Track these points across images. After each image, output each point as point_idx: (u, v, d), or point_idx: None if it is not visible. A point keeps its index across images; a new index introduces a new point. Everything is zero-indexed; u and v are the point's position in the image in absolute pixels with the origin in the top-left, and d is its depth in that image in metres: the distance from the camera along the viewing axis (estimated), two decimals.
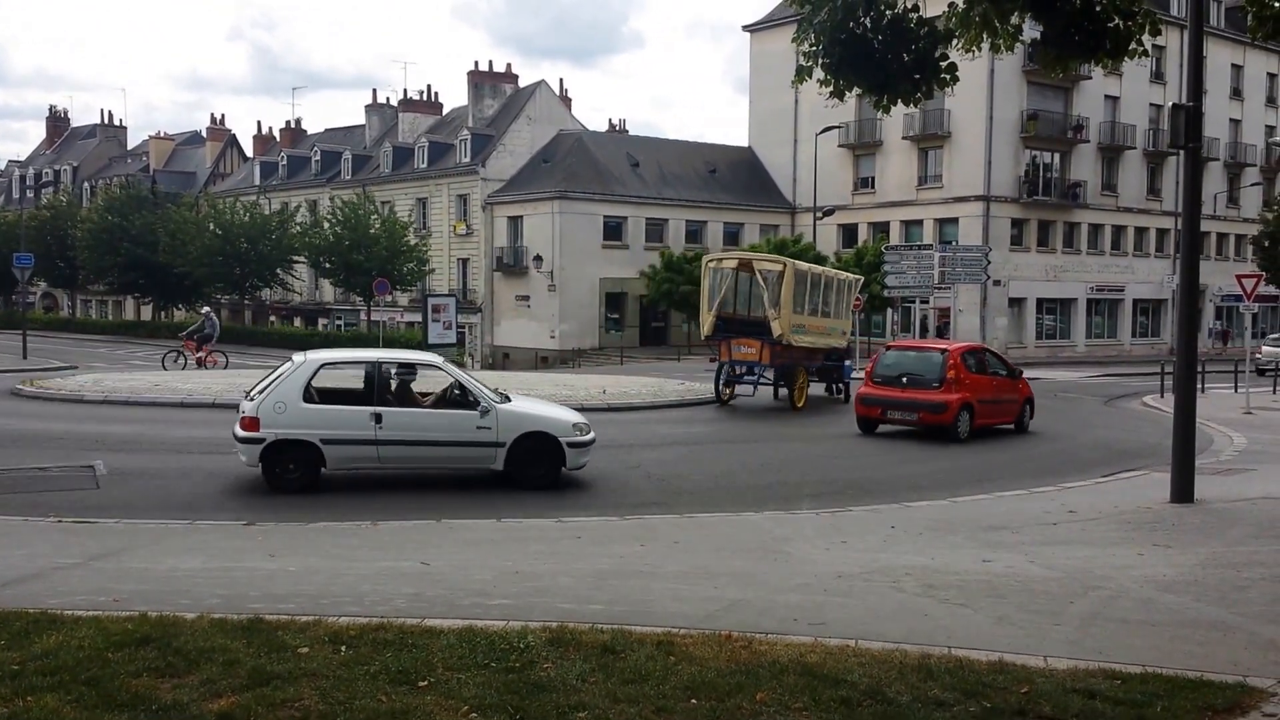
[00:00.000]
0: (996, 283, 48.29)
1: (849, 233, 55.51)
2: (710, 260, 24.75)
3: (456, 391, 12.80)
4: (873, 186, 55.28)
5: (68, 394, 21.92)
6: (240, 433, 12.13)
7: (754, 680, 5.56)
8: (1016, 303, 52.33)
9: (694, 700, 5.27)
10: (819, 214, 50.09)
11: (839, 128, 50.95)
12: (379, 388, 12.47)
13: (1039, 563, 8.95)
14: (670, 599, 7.53)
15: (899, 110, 10.91)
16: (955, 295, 44.01)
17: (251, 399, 12.27)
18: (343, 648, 5.95)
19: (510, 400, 13.25)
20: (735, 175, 59.90)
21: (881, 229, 53.97)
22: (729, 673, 5.67)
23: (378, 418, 12.17)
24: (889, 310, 48.93)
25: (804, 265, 25.56)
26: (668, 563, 8.68)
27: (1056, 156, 53.54)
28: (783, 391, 23.96)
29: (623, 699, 5.26)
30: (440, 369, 13.07)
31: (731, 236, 57.62)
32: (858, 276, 30.29)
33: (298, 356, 12.81)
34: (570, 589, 7.74)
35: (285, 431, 11.97)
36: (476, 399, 12.55)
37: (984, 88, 48.78)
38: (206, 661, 5.64)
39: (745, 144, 62.46)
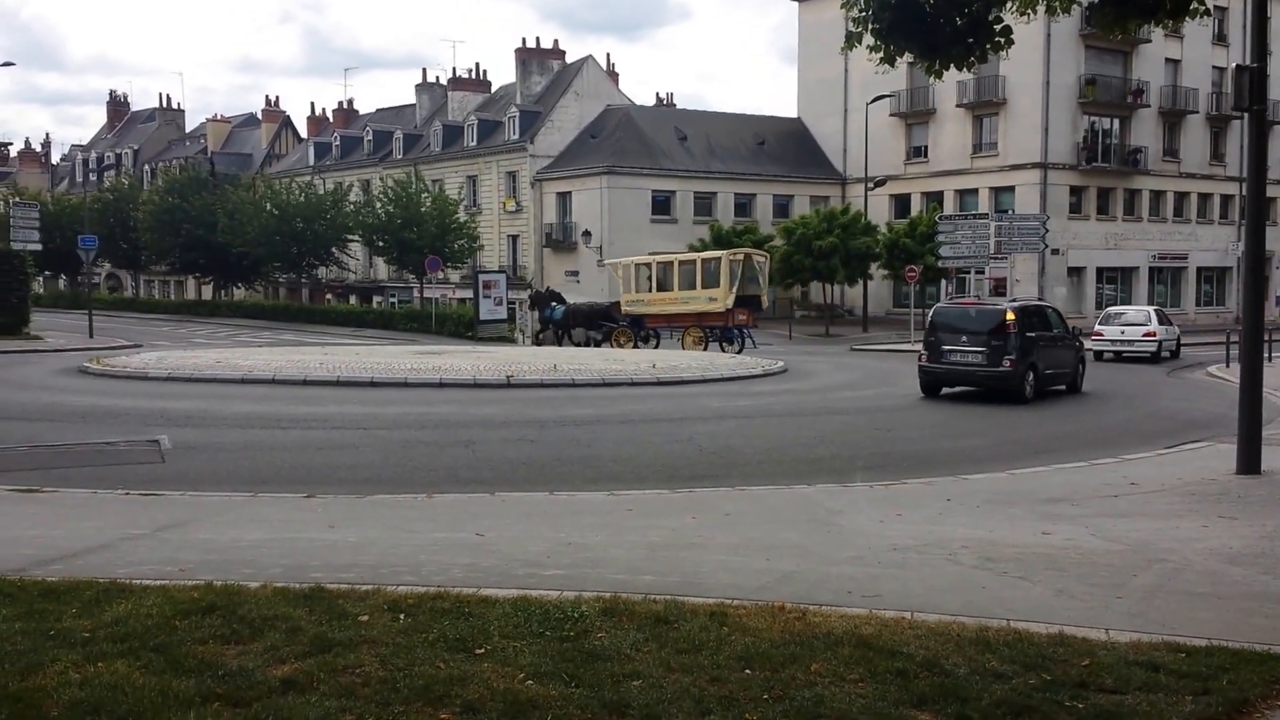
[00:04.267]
0: (1055, 252, 47.59)
1: (901, 203, 54.95)
2: (730, 254, 34.80)
3: None
4: (925, 156, 54.61)
5: (133, 371, 22.37)
6: None
7: (808, 651, 5.56)
8: (1075, 272, 51.56)
9: (748, 670, 5.29)
10: (870, 185, 49.66)
11: (890, 96, 50.38)
12: None
13: (1100, 535, 8.85)
14: (722, 570, 7.55)
15: (952, 77, 10.77)
16: (1011, 265, 43.33)
17: None
18: (401, 616, 6.04)
19: None
20: (784, 147, 59.44)
21: (935, 199, 53.36)
22: (783, 644, 5.68)
23: None
24: (943, 281, 48.37)
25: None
26: (719, 535, 8.70)
27: (1116, 122, 52.52)
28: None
29: (677, 668, 5.29)
30: None
31: (781, 209, 57.26)
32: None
33: None
34: (622, 560, 7.78)
35: None
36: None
37: (1040, 52, 47.93)
38: (270, 629, 5.76)
39: (794, 115, 61.93)
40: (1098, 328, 32.42)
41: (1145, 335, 31.47)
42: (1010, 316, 19.35)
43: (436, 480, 11.33)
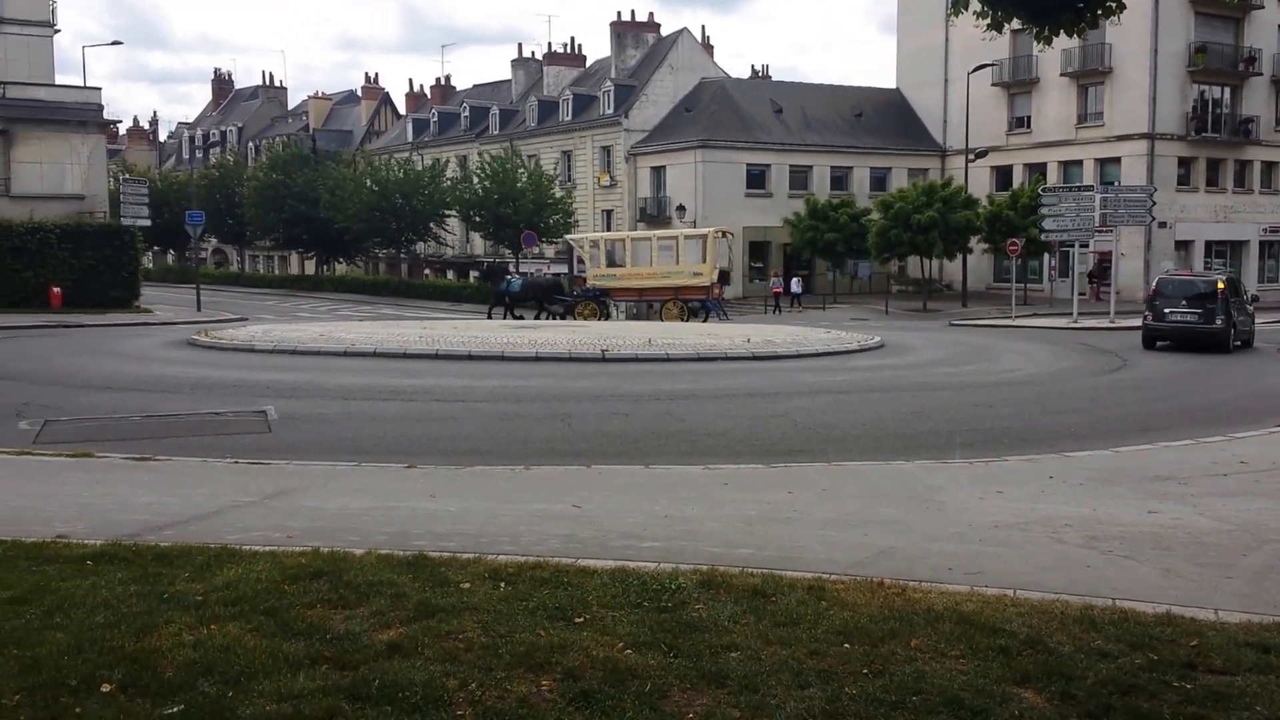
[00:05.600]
0: (1162, 225, 46.10)
1: (1003, 175, 53.72)
2: (714, 232, 37.41)
3: None
4: (1028, 126, 53.26)
5: (239, 344, 23.02)
6: None
7: (908, 627, 5.52)
8: (1183, 245, 49.88)
9: (847, 645, 5.27)
10: (971, 156, 48.62)
11: (992, 65, 49.16)
12: None
13: (1208, 515, 8.60)
14: (819, 545, 7.52)
15: (1056, 46, 10.44)
16: (1117, 238, 42.14)
17: None
18: (502, 584, 6.15)
19: None
20: (882, 118, 58.46)
21: (1038, 170, 52.02)
22: (882, 619, 5.64)
23: None
24: (1046, 255, 47.24)
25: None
26: (816, 509, 8.66)
27: (1226, 91, 50.55)
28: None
29: (775, 641, 5.29)
30: None
31: (878, 181, 56.41)
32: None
33: None
34: (719, 533, 7.80)
35: None
36: None
37: (1148, 18, 46.31)
38: (375, 594, 5.90)
39: (892, 85, 60.85)
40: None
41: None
42: (1221, 285, 24.60)
43: (533, 452, 11.46)
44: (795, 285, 49.54)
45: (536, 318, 36.12)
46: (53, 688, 4.59)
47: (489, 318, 35.64)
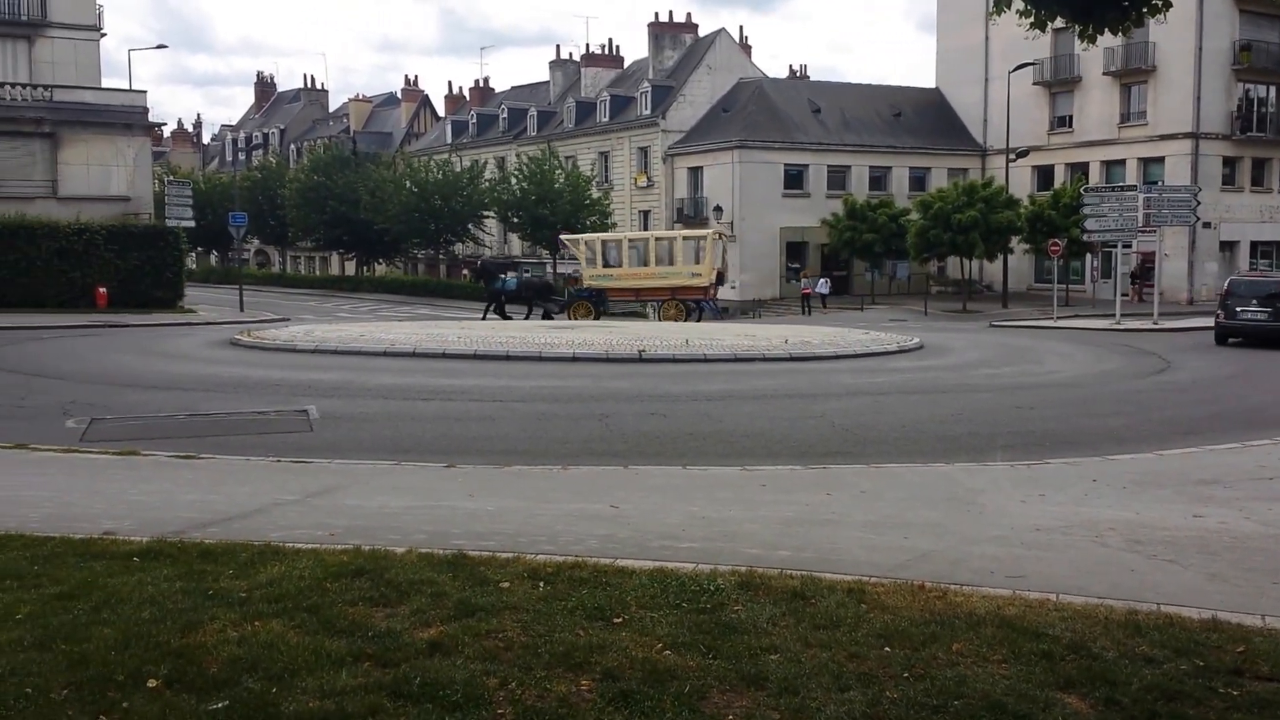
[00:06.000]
0: (1206, 225, 45.43)
1: (1044, 175, 53.20)
2: (713, 234, 38.50)
3: None
4: (1070, 125, 52.70)
5: (281, 344, 23.24)
6: None
7: (949, 631, 5.48)
8: (1228, 246, 49.16)
9: (888, 648, 5.24)
10: (1012, 156, 48.21)
11: (1033, 64, 48.71)
12: None
13: (1255, 519, 8.48)
14: (859, 547, 7.48)
15: (1098, 44, 10.30)
16: (1160, 239, 41.57)
17: None
18: (541, 584, 6.17)
19: None
20: (921, 118, 58.08)
21: (1080, 170, 51.45)
22: (923, 622, 5.61)
23: None
24: (1088, 256, 46.73)
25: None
26: (855, 512, 8.62)
27: (1272, 90, 49.75)
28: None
29: (814, 644, 5.27)
30: None
31: (918, 181, 56.05)
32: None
33: None
34: (757, 535, 7.78)
35: None
36: None
37: (1193, 17, 45.68)
38: (416, 593, 5.94)
39: (932, 85, 60.44)
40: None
41: None
42: None
43: (571, 452, 11.49)
44: (824, 286, 49.39)
45: (527, 317, 36.02)
46: (100, 682, 4.66)
47: (484, 318, 35.12)
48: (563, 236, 41.85)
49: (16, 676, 4.71)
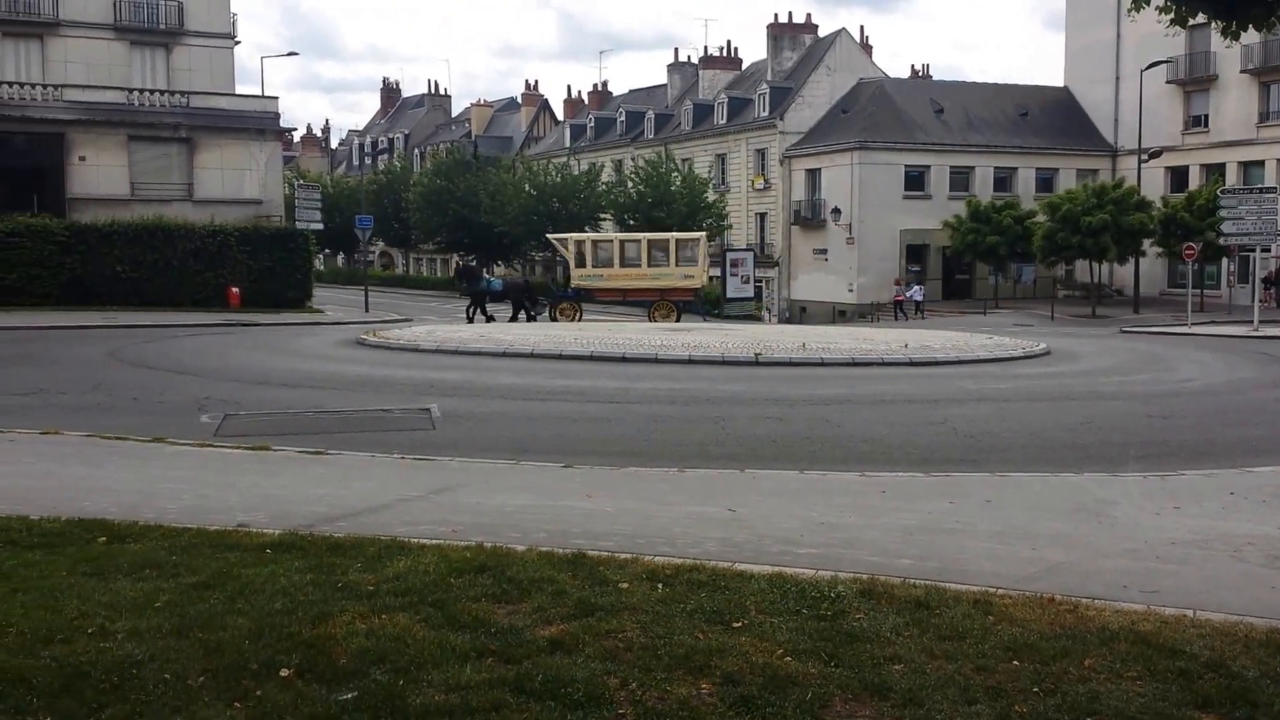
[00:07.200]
0: None
1: (1178, 176, 51.28)
2: (705, 236, 39.02)
3: None
4: (1205, 125, 50.71)
5: (405, 344, 23.77)
6: None
7: (1081, 646, 5.31)
8: None
9: (1016, 662, 5.10)
10: (1144, 156, 46.57)
11: (1167, 62, 46.98)
12: None
13: None
14: (984, 558, 7.31)
15: (1236, 41, 9.88)
16: None
17: None
18: (659, 585, 6.17)
19: None
20: (1049, 118, 56.53)
21: (1216, 171, 49.45)
22: (1053, 636, 5.44)
23: None
24: (1224, 260, 44.89)
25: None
26: (979, 521, 8.42)
27: None
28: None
29: (939, 655, 5.17)
30: None
31: (1045, 183, 54.58)
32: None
33: None
34: (878, 542, 7.66)
35: None
36: None
37: None
38: (537, 591, 6.00)
39: (1060, 83, 58.79)
40: None
41: None
42: None
43: (687, 455, 11.48)
44: (917, 293, 48.53)
45: (513, 318, 35.70)
46: (235, 671, 4.82)
47: (469, 320, 34.64)
48: (549, 236, 41.66)
49: (155, 663, 4.89)
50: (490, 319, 35.33)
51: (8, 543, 6.91)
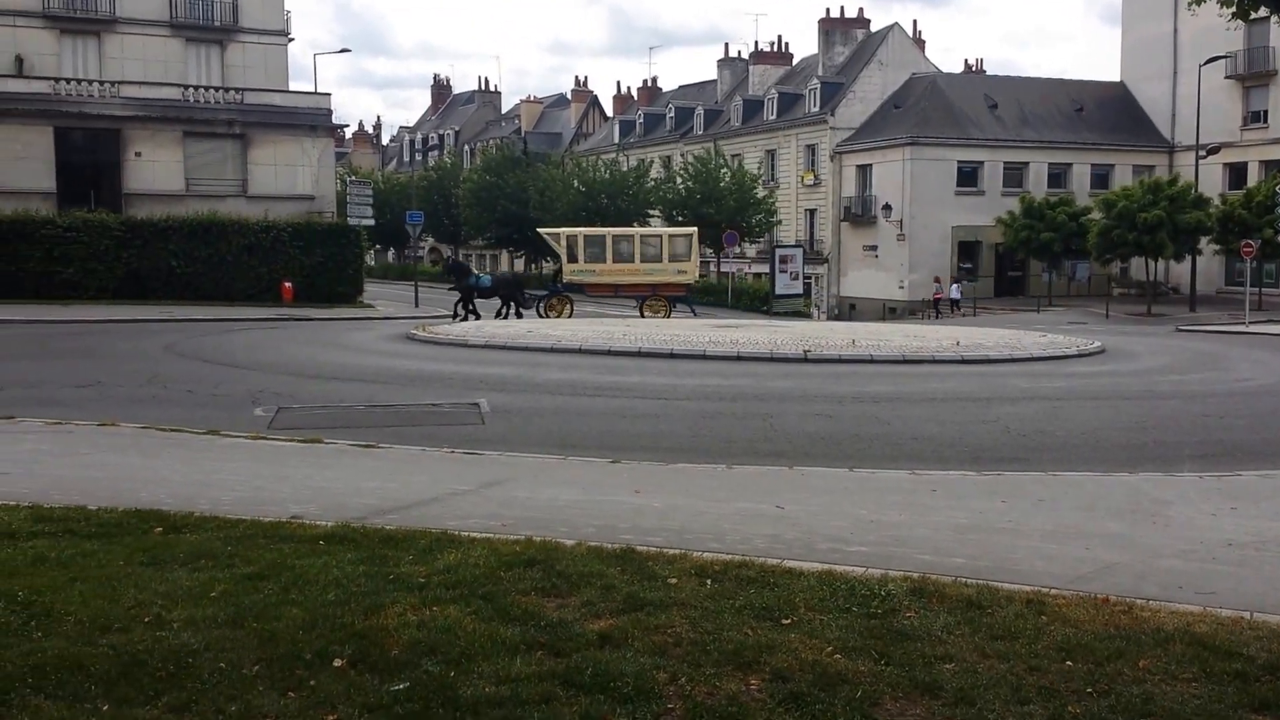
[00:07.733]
0: None
1: (1236, 172, 50.35)
2: (696, 231, 38.36)
3: None
4: (1265, 121, 49.74)
5: (454, 339, 23.94)
6: None
7: (1135, 647, 5.24)
8: None
9: (1069, 662, 5.05)
10: (1202, 152, 45.78)
11: (1226, 57, 46.19)
12: None
13: None
14: (1037, 557, 7.23)
15: None
16: None
17: None
18: (708, 581, 6.17)
19: None
20: (1104, 113, 55.72)
21: (1276, 168, 48.48)
22: (1107, 637, 5.38)
23: None
24: None
25: None
26: (1031, 520, 8.33)
27: None
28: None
29: (991, 654, 5.12)
30: None
31: (1100, 179, 53.80)
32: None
33: None
34: (929, 541, 7.60)
35: None
36: None
37: None
38: (586, 585, 6.02)
39: (1116, 78, 57.91)
40: None
41: None
42: None
43: (735, 451, 11.46)
44: (955, 291, 48.03)
45: (504, 315, 34.23)
46: (289, 660, 4.88)
47: (454, 318, 32.59)
48: (541, 230, 41.11)
49: (211, 652, 4.97)
50: (477, 316, 33.54)
51: (66, 532, 7.05)
